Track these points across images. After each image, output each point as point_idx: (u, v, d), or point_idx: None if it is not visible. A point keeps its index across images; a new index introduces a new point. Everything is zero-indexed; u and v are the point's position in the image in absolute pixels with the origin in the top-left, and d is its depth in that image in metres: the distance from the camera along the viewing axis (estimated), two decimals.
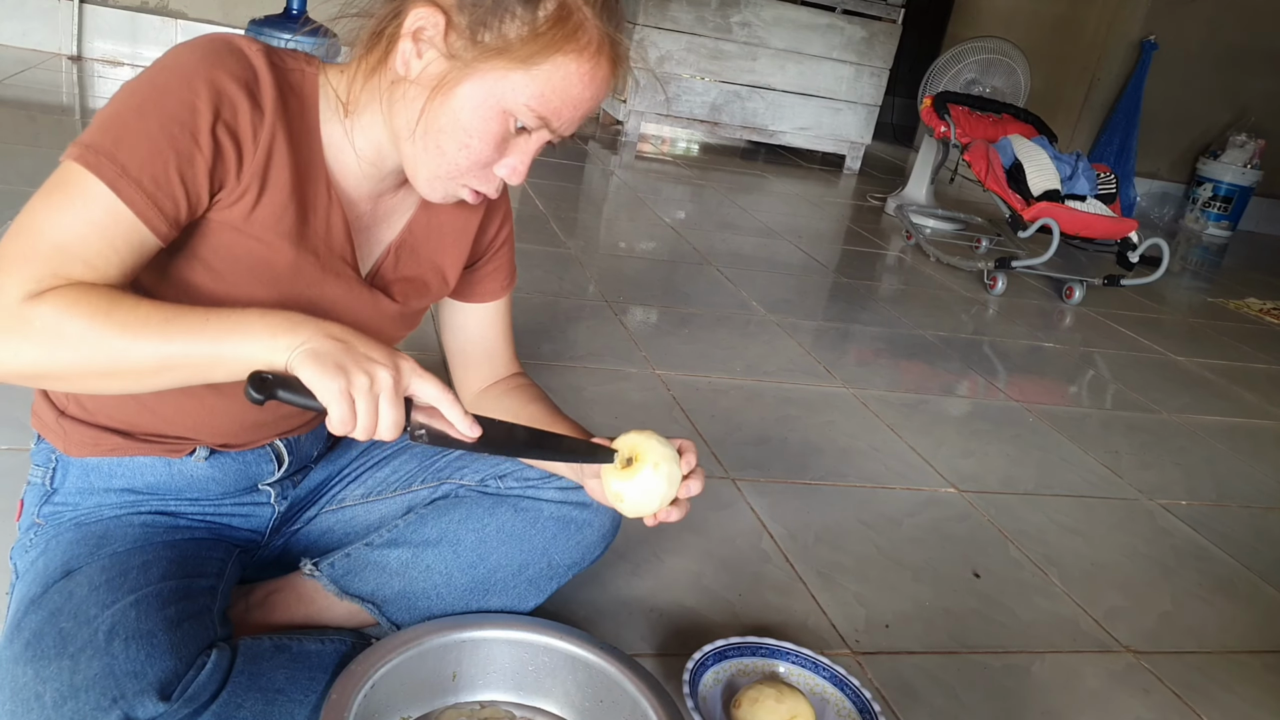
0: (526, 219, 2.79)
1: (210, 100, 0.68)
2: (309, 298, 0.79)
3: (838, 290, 2.69)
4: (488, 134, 0.71)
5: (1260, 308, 3.41)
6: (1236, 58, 4.86)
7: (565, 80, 0.70)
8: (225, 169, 0.70)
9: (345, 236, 0.79)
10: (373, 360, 0.64)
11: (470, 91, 0.70)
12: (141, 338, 0.63)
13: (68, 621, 0.71)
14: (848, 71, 4.46)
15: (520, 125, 0.72)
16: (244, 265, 0.74)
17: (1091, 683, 1.15)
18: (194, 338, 0.63)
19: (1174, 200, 5.17)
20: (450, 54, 0.70)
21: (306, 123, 0.75)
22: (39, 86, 3.18)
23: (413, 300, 0.87)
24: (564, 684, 0.88)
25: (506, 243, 0.97)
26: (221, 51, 0.70)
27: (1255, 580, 1.47)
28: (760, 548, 1.30)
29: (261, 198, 0.73)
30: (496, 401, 0.97)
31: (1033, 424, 1.94)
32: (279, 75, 0.73)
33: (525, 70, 0.69)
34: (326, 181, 0.77)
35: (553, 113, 0.71)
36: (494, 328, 0.99)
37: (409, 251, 0.86)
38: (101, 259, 0.66)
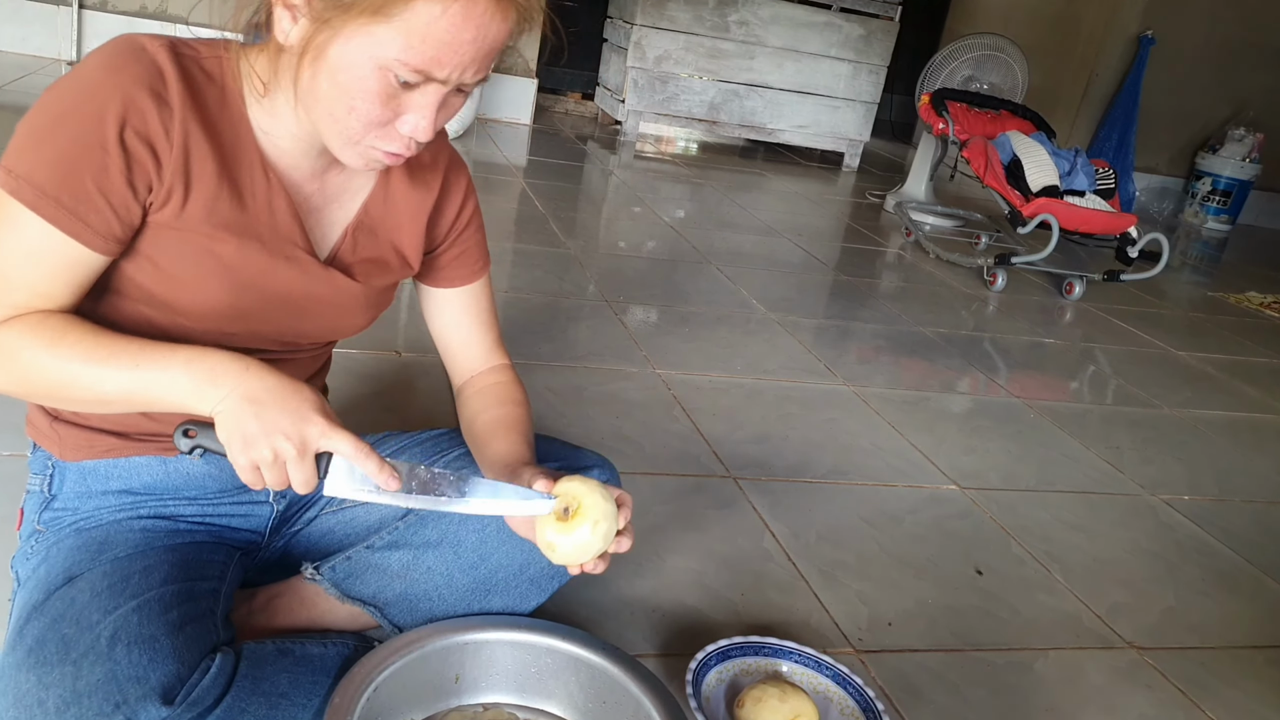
0: (526, 219, 2.79)
1: (115, 108, 0.68)
2: (261, 285, 0.78)
3: (838, 288, 2.69)
4: (369, 93, 0.68)
5: (1261, 301, 3.40)
6: (1234, 52, 4.86)
7: (431, 26, 0.65)
8: (144, 173, 0.70)
9: (292, 219, 0.78)
10: (278, 431, 0.68)
11: (340, 52, 0.67)
12: (80, 378, 0.69)
13: (70, 628, 0.71)
14: (846, 69, 4.46)
15: (402, 80, 0.67)
16: (191, 262, 0.75)
17: (1095, 679, 1.15)
18: (126, 383, 0.69)
19: (1173, 195, 5.16)
20: (315, 17, 0.67)
21: (229, 110, 0.74)
22: (38, 92, 3.17)
23: (375, 279, 0.86)
24: (567, 685, 0.88)
25: (471, 225, 0.94)
26: (124, 55, 0.69)
27: (1258, 575, 1.47)
28: (762, 546, 1.30)
29: (189, 194, 0.72)
30: (466, 403, 0.96)
31: (1034, 420, 1.94)
32: (188, 67, 0.72)
33: (386, 22, 0.65)
34: (262, 165, 0.76)
35: (430, 62, 0.66)
36: (468, 314, 0.97)
37: (367, 232, 0.85)
38: (44, 284, 0.70)
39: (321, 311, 0.84)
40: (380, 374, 1.60)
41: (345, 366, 1.59)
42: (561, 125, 4.56)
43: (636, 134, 4.37)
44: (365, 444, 0.71)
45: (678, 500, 1.37)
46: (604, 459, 1.01)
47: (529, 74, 4.27)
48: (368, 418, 1.44)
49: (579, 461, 0.99)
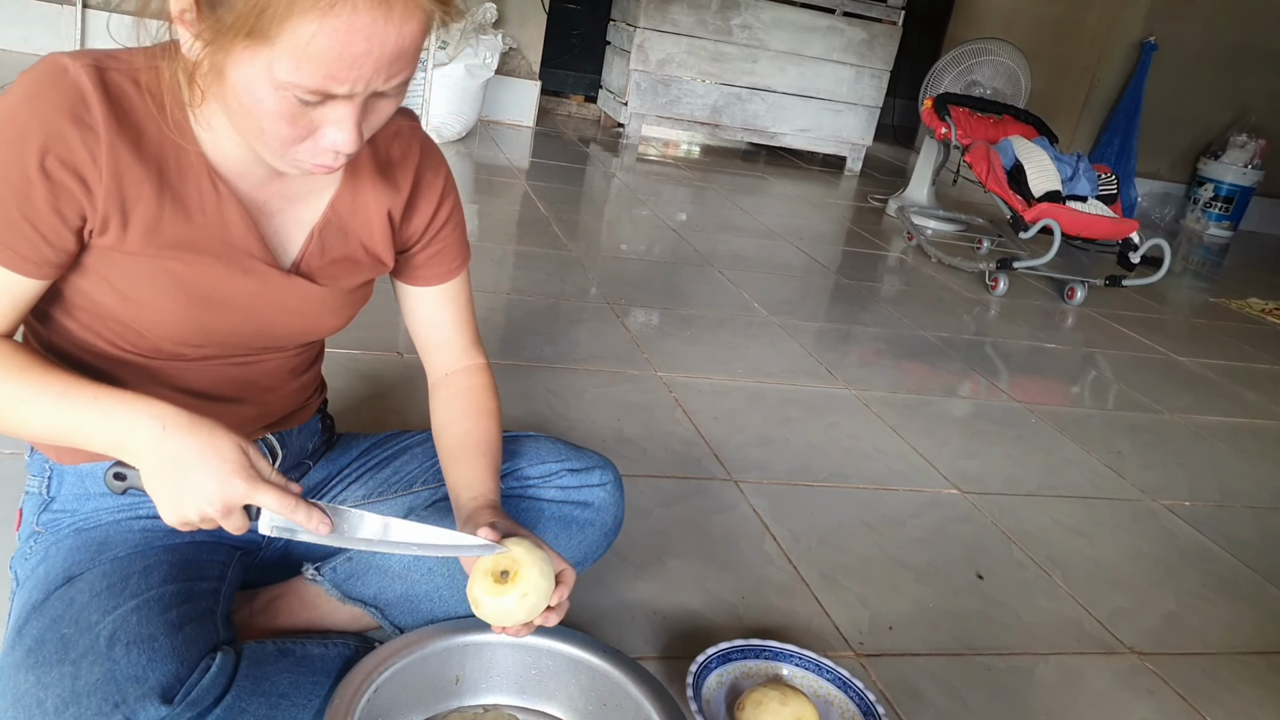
0: (528, 221, 2.79)
1: (35, 137, 0.66)
2: (221, 299, 0.77)
3: (839, 291, 2.69)
4: (272, 114, 0.64)
5: (1262, 307, 3.40)
6: (1237, 57, 4.86)
7: (314, 44, 0.59)
8: (73, 201, 0.68)
9: (247, 229, 0.76)
10: (200, 496, 0.68)
11: (236, 75, 0.62)
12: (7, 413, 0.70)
13: (69, 628, 0.71)
14: (848, 73, 4.46)
15: (301, 100, 0.63)
16: (145, 283, 0.73)
17: (1095, 684, 1.14)
18: (51, 424, 0.70)
19: (1175, 200, 5.16)
20: (203, 38, 0.62)
21: (169, 122, 0.70)
22: None
23: (344, 280, 0.83)
24: (567, 687, 0.88)
25: (449, 223, 0.90)
26: (43, 80, 0.66)
27: (1259, 581, 1.47)
28: (763, 549, 1.29)
29: (129, 218, 0.70)
30: (438, 407, 0.94)
31: (1035, 425, 1.94)
32: (117, 84, 0.68)
33: (267, 45, 0.60)
34: (210, 176, 0.73)
35: (325, 80, 0.61)
36: (444, 311, 0.93)
37: (336, 231, 0.81)
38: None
39: (288, 320, 0.82)
40: (382, 375, 1.60)
41: (347, 367, 1.59)
42: (564, 128, 4.56)
43: (639, 137, 4.37)
44: (290, 496, 0.69)
45: (679, 503, 1.37)
46: (607, 460, 1.01)
47: (532, 76, 4.28)
48: (370, 418, 1.44)
49: (581, 462, 0.99)
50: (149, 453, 0.68)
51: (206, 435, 0.68)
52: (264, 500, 0.69)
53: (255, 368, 0.85)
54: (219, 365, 0.82)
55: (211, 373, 0.82)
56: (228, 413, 0.86)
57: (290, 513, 0.70)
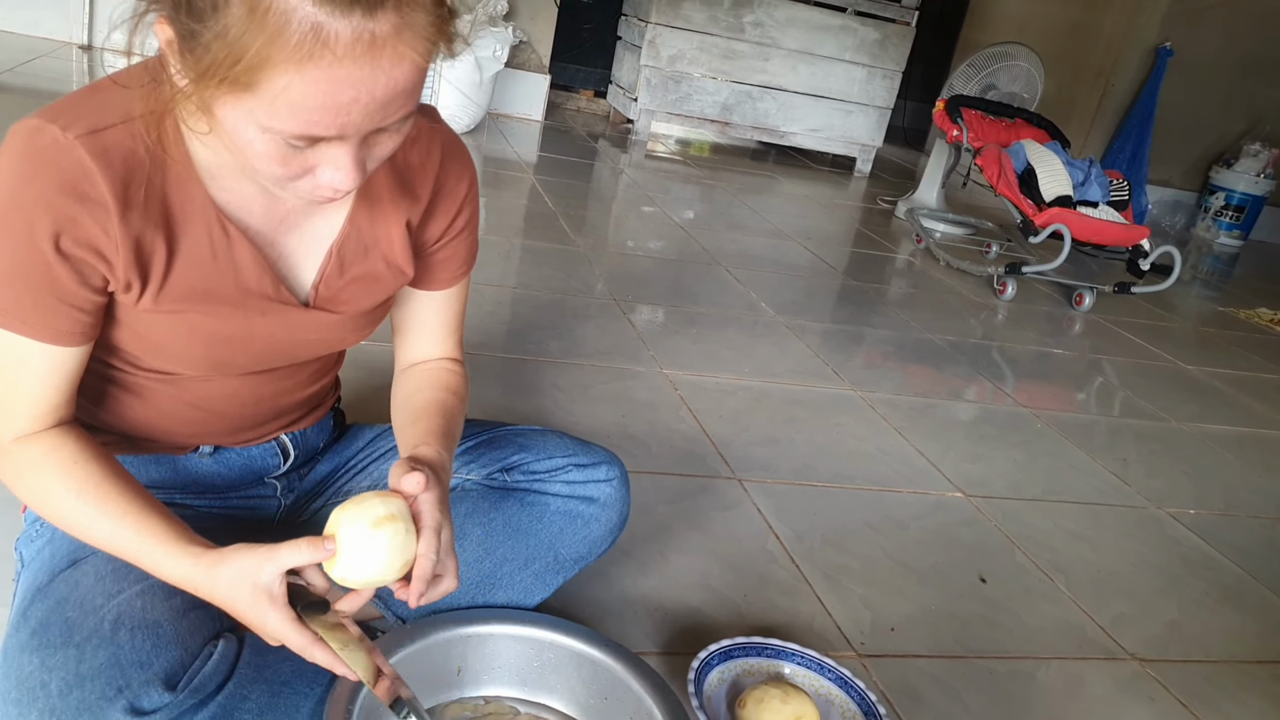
0: (535, 216, 2.79)
1: (44, 223, 0.64)
2: (242, 340, 0.76)
3: (846, 293, 2.68)
4: (263, 156, 0.60)
5: (1271, 318, 3.38)
6: (1252, 66, 4.83)
7: (294, 94, 0.55)
8: (95, 273, 0.68)
9: (261, 271, 0.74)
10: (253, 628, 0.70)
11: (224, 116, 0.59)
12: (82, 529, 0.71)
13: (74, 611, 0.71)
14: (860, 73, 4.45)
15: (290, 144, 0.59)
16: (166, 332, 0.74)
17: (1097, 689, 1.14)
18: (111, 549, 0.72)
19: (1186, 209, 5.14)
20: (188, 75, 0.58)
21: (172, 172, 0.68)
22: (49, 75, 3.19)
23: (363, 302, 0.81)
24: (569, 681, 0.88)
25: (465, 231, 0.87)
26: (36, 160, 0.63)
27: (1263, 590, 1.47)
28: (766, 548, 1.29)
29: (147, 283, 0.70)
30: (407, 378, 0.91)
31: (1041, 430, 1.93)
32: (116, 148, 0.65)
33: (250, 93, 0.56)
34: (220, 221, 0.71)
35: (310, 126, 0.57)
36: (438, 314, 0.91)
37: (355, 247, 0.78)
38: (38, 389, 0.70)
39: (311, 346, 0.82)
40: (389, 366, 1.59)
41: (355, 359, 1.59)
42: (573, 122, 4.56)
43: (648, 133, 4.37)
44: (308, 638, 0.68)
45: (683, 500, 1.37)
46: (614, 456, 1.01)
47: (541, 70, 4.28)
48: (377, 409, 1.44)
49: (588, 457, 0.99)
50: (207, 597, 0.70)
51: (225, 592, 0.68)
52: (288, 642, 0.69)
53: (274, 379, 0.86)
54: (238, 380, 0.83)
55: (230, 386, 0.83)
56: (253, 413, 0.87)
57: (310, 656, 0.69)
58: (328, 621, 0.71)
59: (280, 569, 0.67)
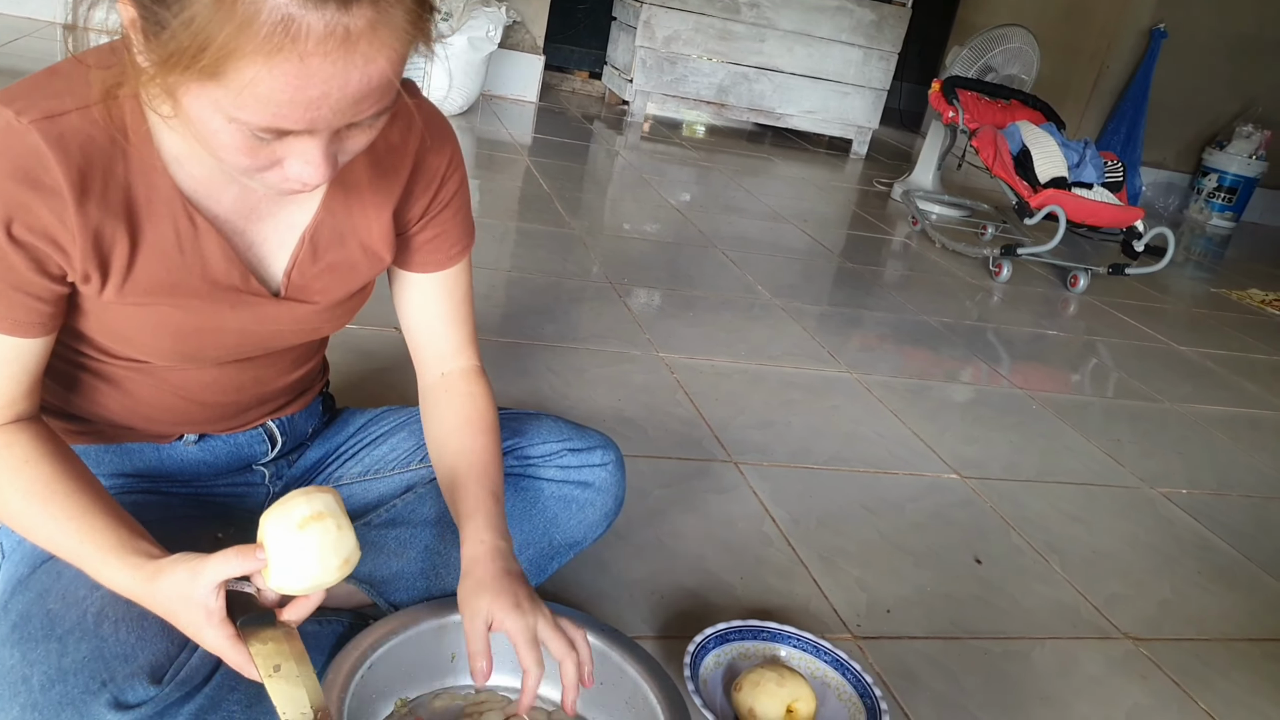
0: (530, 198, 2.77)
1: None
2: (212, 331, 0.74)
3: (843, 275, 2.67)
4: (229, 147, 0.58)
5: (1262, 299, 3.39)
6: (1246, 48, 4.81)
7: (262, 86, 0.53)
8: (52, 262, 0.65)
9: (228, 261, 0.71)
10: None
11: (189, 103, 0.56)
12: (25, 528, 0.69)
13: (56, 603, 0.70)
14: (856, 55, 4.42)
15: (257, 136, 0.57)
16: (132, 324, 0.72)
17: (1091, 669, 1.15)
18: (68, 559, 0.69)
19: (1179, 190, 5.13)
20: (151, 59, 0.55)
21: (135, 159, 0.65)
22: (33, 55, 3.15)
23: (337, 291, 0.78)
24: None
25: (451, 205, 0.83)
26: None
27: (1255, 570, 1.47)
28: (762, 531, 1.29)
29: (108, 274, 0.67)
30: (435, 412, 0.88)
31: (1036, 411, 1.93)
32: (73, 133, 0.62)
33: (216, 83, 0.53)
34: (185, 210, 0.68)
35: (280, 120, 0.55)
36: (440, 303, 0.87)
37: (329, 233, 0.76)
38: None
39: (285, 337, 0.80)
40: (380, 350, 1.59)
41: (345, 343, 1.58)
42: (568, 104, 4.52)
43: (644, 114, 4.34)
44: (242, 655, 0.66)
45: (679, 483, 1.37)
46: (609, 440, 1.00)
47: (536, 51, 4.24)
48: (367, 394, 1.43)
49: (583, 442, 0.98)
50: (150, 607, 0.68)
51: (163, 605, 0.66)
52: (223, 658, 0.67)
53: (253, 366, 0.84)
54: (215, 369, 0.81)
55: (208, 375, 0.81)
56: (237, 400, 0.85)
57: (241, 669, 0.67)
58: (275, 634, 0.67)
59: (212, 582, 0.64)
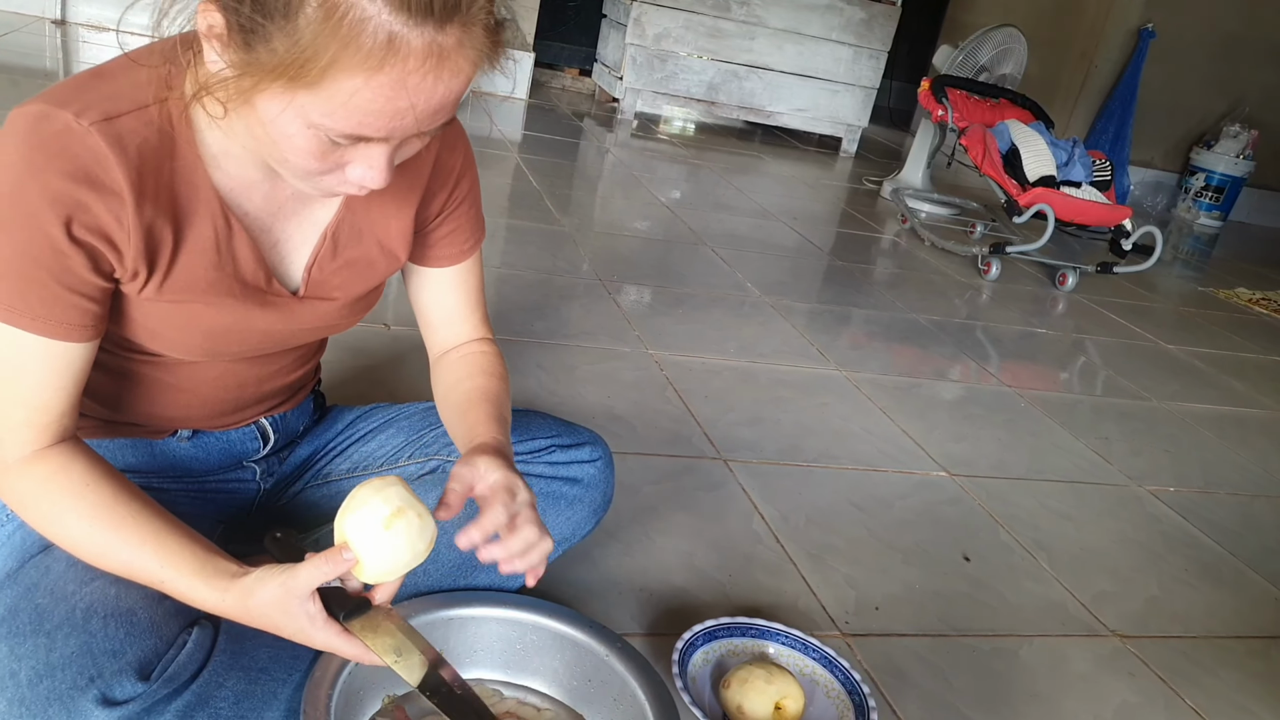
0: (520, 195, 2.76)
1: (55, 213, 0.62)
2: (239, 330, 0.76)
3: (832, 273, 2.68)
4: (300, 150, 0.61)
5: (1249, 297, 3.42)
6: (1233, 48, 4.84)
7: (357, 97, 0.56)
8: (105, 261, 0.66)
9: (257, 262, 0.73)
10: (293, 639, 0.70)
11: (266, 106, 0.59)
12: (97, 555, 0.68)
13: (44, 597, 0.70)
14: (846, 53, 4.42)
15: (334, 140, 0.60)
16: (159, 319, 0.72)
17: (1078, 666, 1.15)
18: (131, 574, 0.69)
19: (1167, 189, 5.16)
20: (233, 64, 0.58)
21: (181, 159, 0.67)
22: (22, 50, 3.12)
23: (355, 287, 0.81)
24: (552, 663, 0.88)
25: (465, 201, 0.86)
26: (47, 148, 0.61)
27: (1240, 566, 1.48)
28: (751, 529, 1.29)
29: (153, 273, 0.68)
30: (446, 368, 0.91)
31: (1025, 409, 1.94)
32: (129, 133, 0.63)
33: (308, 91, 0.56)
34: (222, 211, 0.70)
35: (363, 128, 0.58)
36: (455, 293, 0.90)
37: (349, 230, 0.78)
38: (37, 395, 0.67)
39: (303, 334, 0.82)
40: (369, 347, 1.58)
41: (334, 340, 1.57)
42: (558, 101, 4.51)
43: (634, 112, 4.33)
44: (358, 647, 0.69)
45: (668, 481, 1.37)
46: (597, 436, 1.00)
47: (526, 48, 4.22)
48: (356, 390, 1.42)
49: (572, 438, 0.98)
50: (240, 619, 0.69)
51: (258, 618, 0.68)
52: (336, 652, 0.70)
53: (261, 363, 0.85)
54: (224, 364, 0.82)
55: (215, 370, 0.81)
56: (234, 397, 0.85)
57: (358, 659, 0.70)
58: (378, 619, 0.71)
59: (307, 591, 0.67)
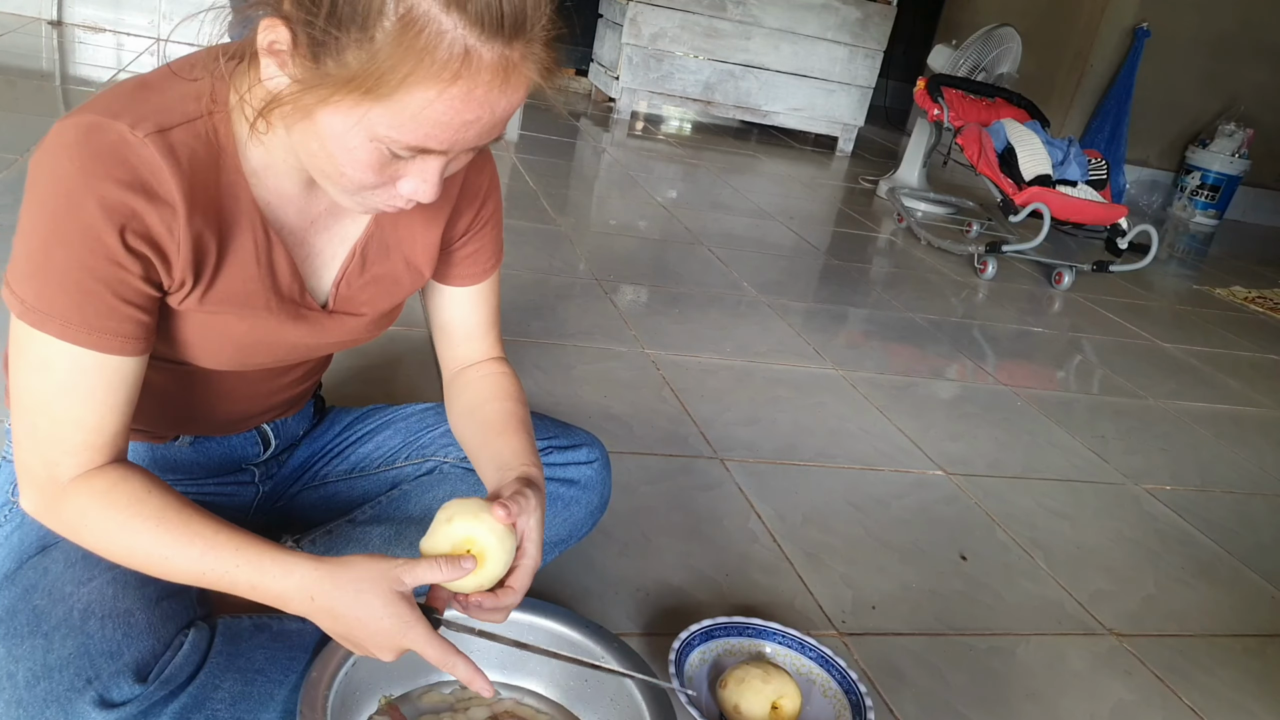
0: (517, 195, 2.76)
1: (111, 222, 0.61)
2: (270, 343, 0.76)
3: (829, 272, 2.68)
4: (359, 163, 0.62)
5: (1245, 296, 3.42)
6: (1228, 47, 4.85)
7: (428, 109, 0.58)
8: (155, 271, 0.66)
9: (292, 276, 0.74)
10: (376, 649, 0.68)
11: (329, 121, 0.60)
12: (148, 560, 0.66)
13: (42, 599, 0.70)
14: (842, 53, 4.43)
15: (395, 153, 0.61)
16: (194, 330, 0.72)
17: (1075, 664, 1.15)
18: (199, 576, 0.67)
19: (1162, 188, 5.17)
20: (297, 79, 0.59)
21: (226, 170, 0.67)
22: (18, 51, 3.11)
23: (382, 302, 0.82)
24: (548, 664, 0.88)
25: (489, 223, 0.88)
26: (101, 157, 0.61)
27: (1237, 565, 1.49)
28: (748, 528, 1.29)
29: (199, 283, 0.68)
30: (462, 392, 0.92)
31: (1021, 408, 1.94)
32: (183, 148, 0.64)
33: (378, 103, 0.58)
34: (262, 224, 0.70)
35: (429, 140, 0.60)
36: (475, 311, 0.92)
37: (378, 246, 0.79)
38: (91, 414, 0.66)
39: (328, 347, 0.83)
40: (367, 348, 1.58)
41: None
42: (554, 101, 4.51)
43: (630, 112, 4.33)
44: (451, 651, 0.69)
45: (665, 480, 1.37)
46: (594, 438, 1.00)
47: None
48: (354, 391, 1.42)
49: (568, 439, 0.98)
50: (310, 615, 0.67)
51: (352, 599, 0.66)
52: (427, 655, 0.68)
53: (276, 376, 0.86)
54: (242, 375, 0.82)
55: (231, 381, 0.82)
56: (239, 406, 0.86)
57: (451, 669, 0.69)
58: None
59: (417, 581, 0.67)
